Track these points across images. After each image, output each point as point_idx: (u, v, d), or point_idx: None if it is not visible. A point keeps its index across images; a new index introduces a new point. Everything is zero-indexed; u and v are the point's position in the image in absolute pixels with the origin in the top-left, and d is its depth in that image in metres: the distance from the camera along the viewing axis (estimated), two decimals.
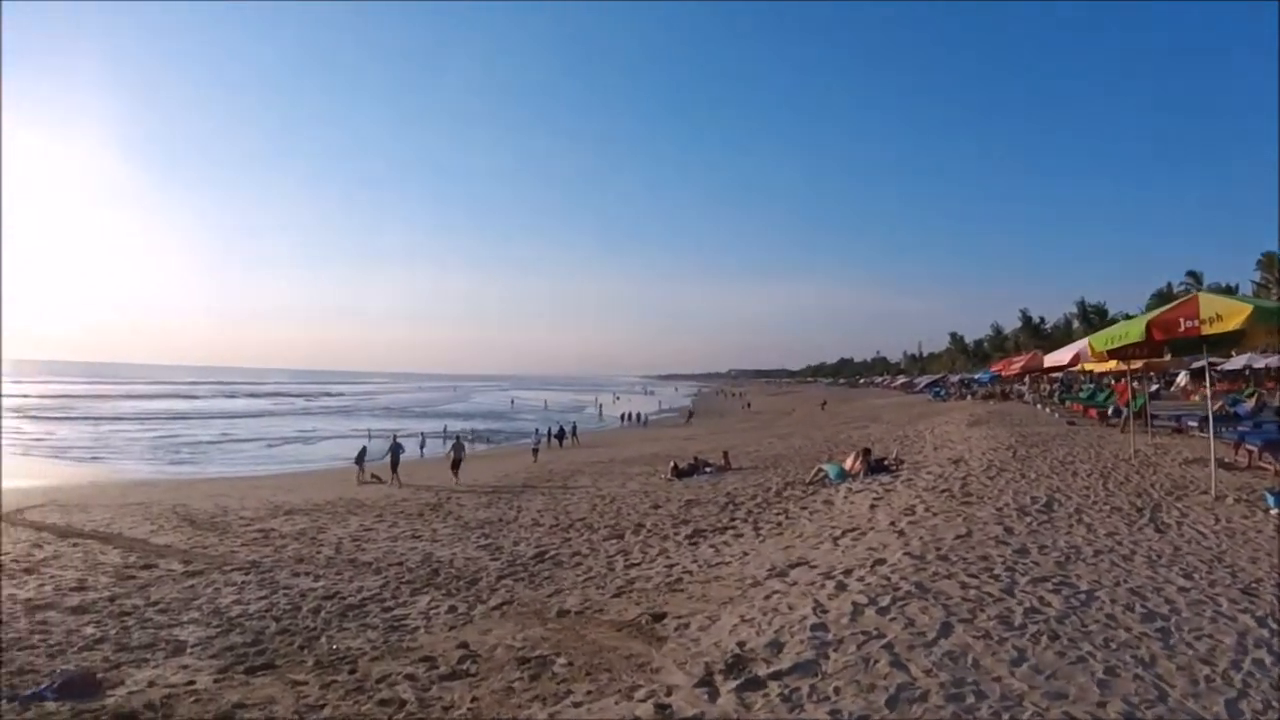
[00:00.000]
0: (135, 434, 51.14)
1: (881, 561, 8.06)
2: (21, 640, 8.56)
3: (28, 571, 12.04)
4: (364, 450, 25.24)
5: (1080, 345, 18.56)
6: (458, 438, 27.73)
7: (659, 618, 7.65)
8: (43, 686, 6.86)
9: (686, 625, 7.20)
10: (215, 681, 7.17)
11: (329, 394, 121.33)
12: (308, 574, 11.74)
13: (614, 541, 12.47)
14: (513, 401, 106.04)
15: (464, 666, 7.11)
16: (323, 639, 8.50)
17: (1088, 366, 21.00)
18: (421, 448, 33.66)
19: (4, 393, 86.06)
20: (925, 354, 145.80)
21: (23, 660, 7.84)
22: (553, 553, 11.92)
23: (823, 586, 7.44)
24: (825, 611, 6.50)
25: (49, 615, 9.62)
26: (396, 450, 24.46)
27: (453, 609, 9.41)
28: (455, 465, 23.74)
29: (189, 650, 8.26)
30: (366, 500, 19.79)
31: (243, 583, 11.32)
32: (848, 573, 7.80)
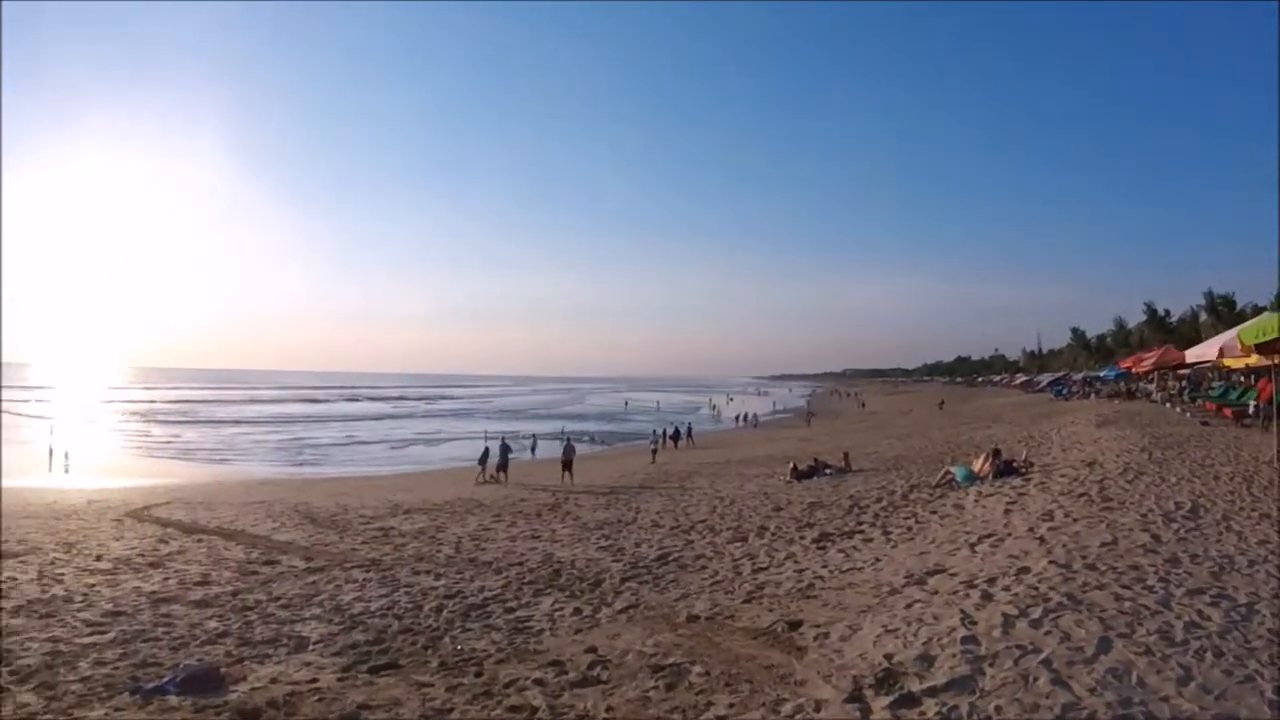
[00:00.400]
0: (258, 436, 61.05)
1: (1025, 570, 9.47)
2: (145, 632, 10.81)
3: (153, 565, 15.16)
4: (486, 451, 32.29)
5: (1225, 338, 22.02)
6: (568, 439, 33.75)
7: (795, 626, 8.87)
8: (165, 680, 8.60)
9: (826, 635, 8.32)
10: (339, 680, 8.66)
11: (447, 397, 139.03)
12: (428, 572, 14.15)
13: (738, 544, 14.74)
14: (626, 403, 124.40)
15: (594, 673, 8.24)
16: (446, 639, 10.13)
17: (1226, 362, 24.28)
18: (533, 450, 37.94)
19: (134, 398, 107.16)
20: (1045, 350, 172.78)
21: (146, 653, 9.90)
22: (676, 555, 14.20)
23: (967, 596, 8.73)
24: (974, 623, 7.63)
25: (173, 608, 12.07)
26: (505, 451, 31.12)
27: (578, 611, 10.78)
28: (566, 466, 29.97)
29: (311, 647, 10.05)
30: (484, 500, 24.16)
31: (364, 580, 13.77)
32: (991, 581, 9.17)
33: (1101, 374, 76.87)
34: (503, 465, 30.47)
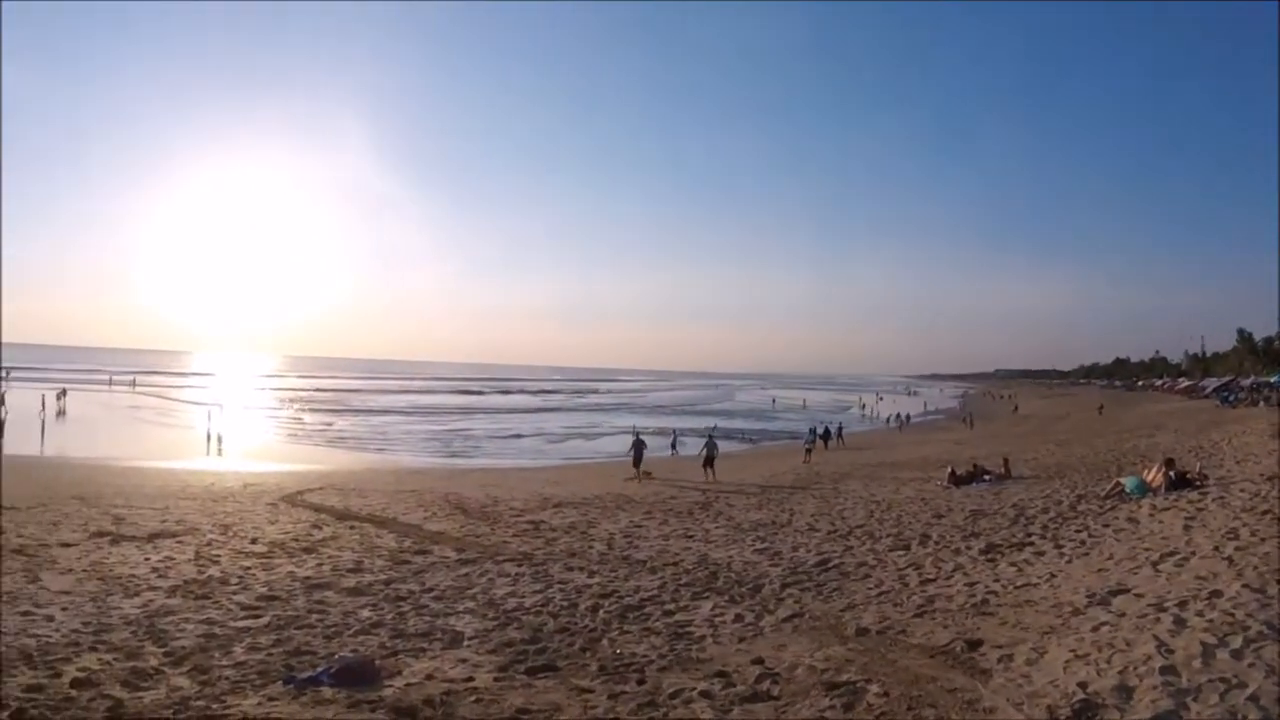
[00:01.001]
0: (409, 426, 63.52)
1: (1217, 594, 9.28)
2: (299, 619, 11.15)
3: (307, 551, 15.75)
4: (642, 446, 32.78)
5: None
6: (709, 436, 33.51)
7: (975, 645, 8.81)
8: (319, 670, 8.74)
9: (1010, 657, 8.27)
10: (495, 680, 8.63)
11: (594, 391, 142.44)
12: (581, 569, 14.37)
13: (901, 553, 14.76)
14: (774, 400, 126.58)
15: (764, 687, 8.02)
16: (604, 641, 10.09)
17: None
18: (674, 446, 38.14)
19: (287, 386, 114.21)
20: (1209, 354, 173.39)
21: (300, 640, 10.16)
22: (836, 561, 14.29)
23: (1158, 620, 8.62)
24: (1171, 651, 7.53)
25: (327, 595, 12.45)
26: (639, 446, 31.87)
27: (739, 618, 10.73)
28: (708, 463, 30.36)
29: (466, 642, 10.12)
30: (635, 496, 24.90)
31: (516, 574, 14.00)
32: (1182, 605, 9.05)
33: (1273, 380, 75.44)
34: (637, 461, 31.23)
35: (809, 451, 38.91)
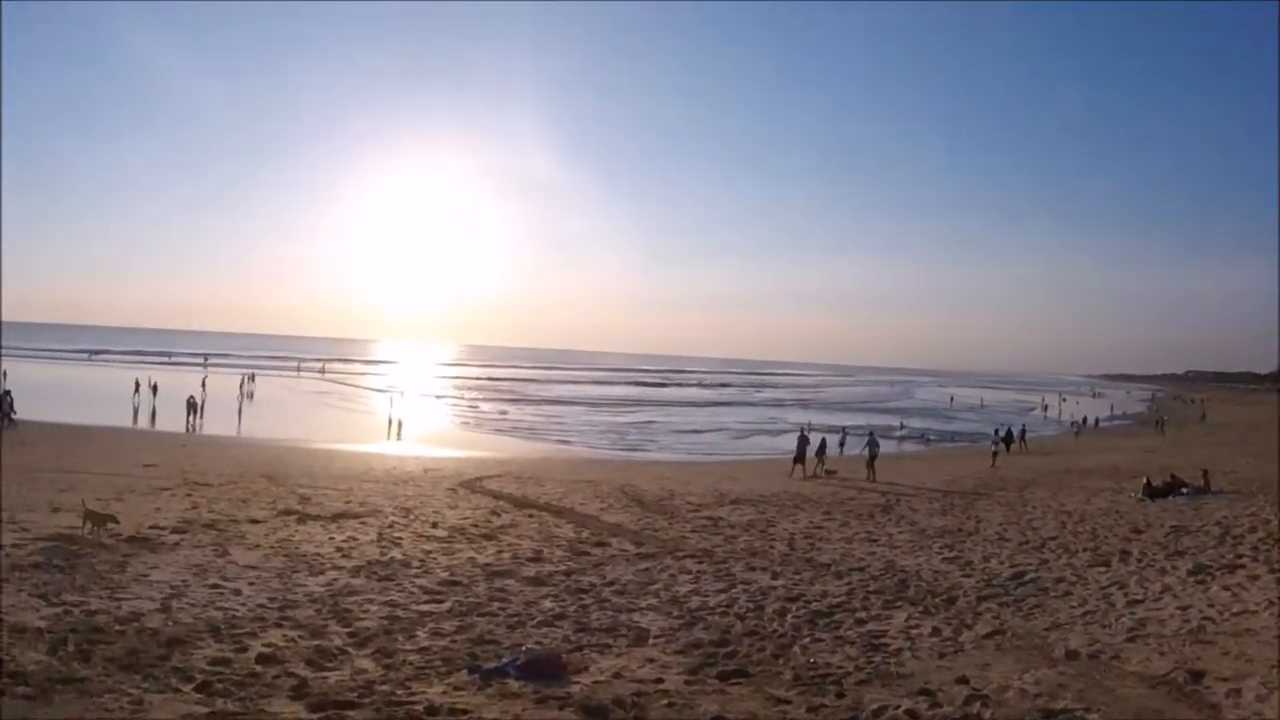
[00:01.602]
0: (584, 417, 64.60)
1: None
2: (481, 606, 11.17)
3: (487, 537, 15.96)
4: (824, 443, 32.99)
5: None
6: (871, 434, 32.95)
7: (1198, 676, 8.39)
8: (505, 661, 8.63)
9: (1238, 691, 7.86)
10: (686, 683, 8.35)
11: (769, 385, 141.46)
12: (764, 569, 14.08)
13: (1100, 569, 14.19)
14: (952, 399, 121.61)
15: (973, 709, 7.57)
16: (796, 648, 9.73)
17: None
18: (841, 445, 37.37)
19: (465, 375, 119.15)
20: None
21: (483, 628, 10.14)
22: (1032, 575, 13.78)
23: None
24: None
25: (508, 583, 12.47)
26: (803, 443, 31.55)
27: (936, 631, 10.38)
28: (870, 462, 30.16)
29: (652, 641, 9.91)
30: (812, 495, 24.35)
31: (698, 572, 13.79)
32: None
33: None
34: (799, 458, 30.92)
35: (995, 455, 37.87)
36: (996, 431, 43.22)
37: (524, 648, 9.14)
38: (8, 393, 35.52)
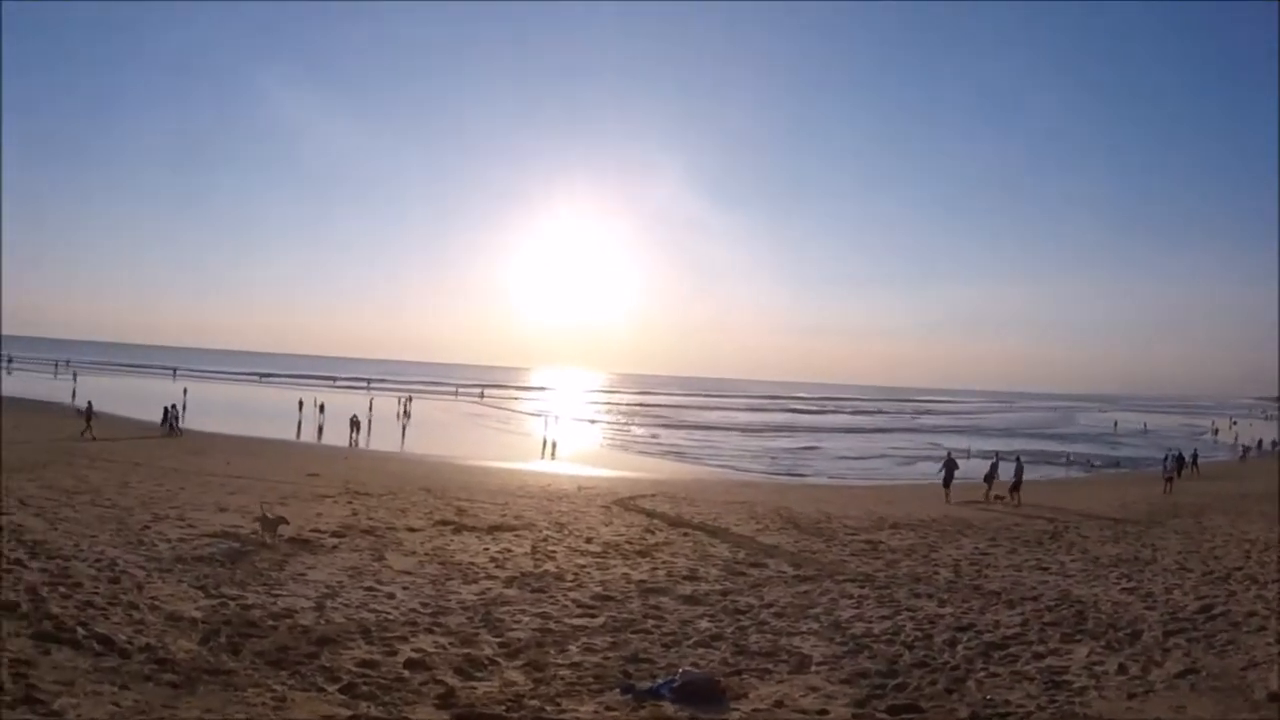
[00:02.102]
0: (735, 441, 64.05)
1: None
2: (635, 623, 10.69)
3: (641, 554, 15.51)
4: (994, 468, 31.68)
5: None
6: (1017, 458, 31.88)
7: None
8: (660, 683, 8.14)
9: None
10: (853, 716, 7.73)
11: (927, 411, 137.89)
12: (929, 596, 13.18)
13: None
14: (1115, 424, 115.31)
15: None
16: (970, 682, 8.94)
17: None
18: (994, 470, 35.39)
19: (616, 400, 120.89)
20: None
21: (637, 645, 9.67)
22: (1221, 608, 12.67)
23: None
24: None
25: (662, 601, 11.96)
26: (950, 467, 31.13)
27: (1122, 669, 9.55)
28: (1015, 488, 29.29)
29: (815, 668, 9.23)
30: (974, 521, 23.23)
31: (859, 596, 13.00)
32: None
33: None
34: (947, 482, 30.39)
35: (1169, 481, 35.86)
36: (1167, 456, 40.73)
37: (680, 670, 8.58)
38: (173, 406, 38.75)
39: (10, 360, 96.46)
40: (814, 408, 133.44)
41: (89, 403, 35.18)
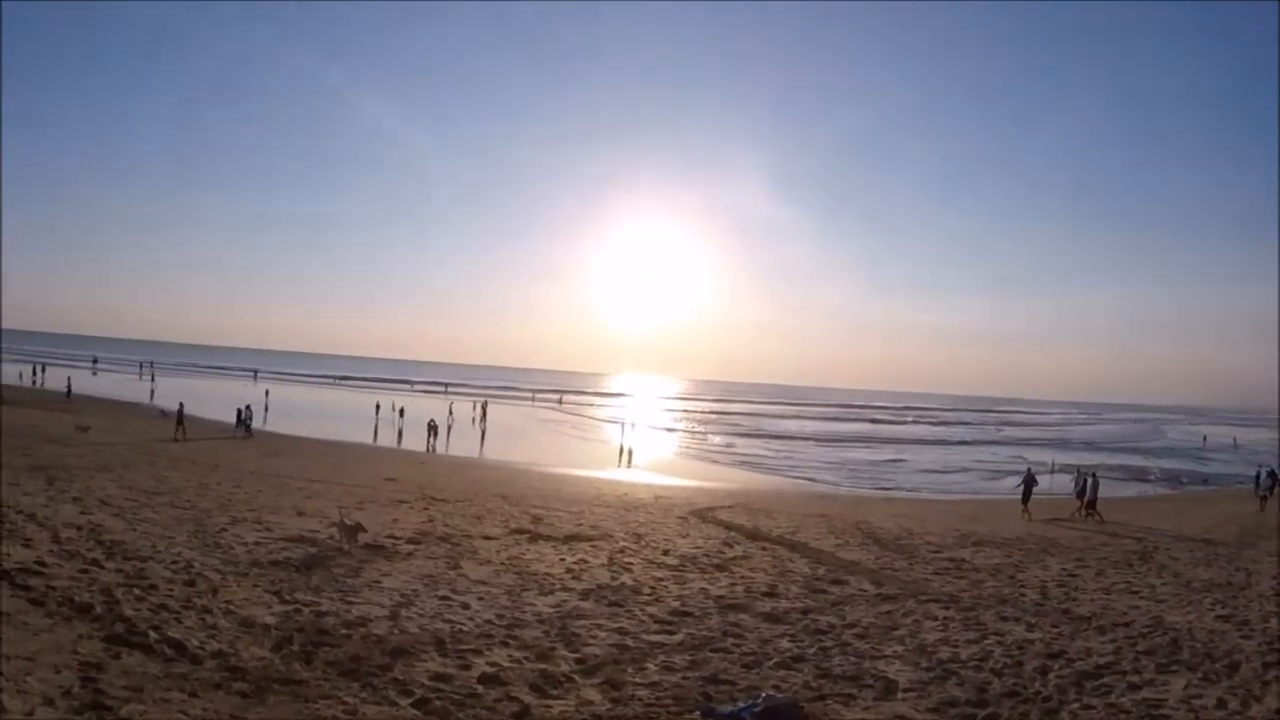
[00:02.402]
0: (812, 451, 63.10)
1: None
2: (714, 640, 10.39)
3: (719, 568, 15.20)
4: (1085, 484, 30.13)
5: None
6: (1092, 474, 30.84)
7: None
8: (742, 706, 7.81)
9: None
10: None
11: (1011, 423, 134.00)
12: (1016, 620, 12.69)
13: None
14: (1204, 438, 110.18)
15: None
16: (1064, 714, 8.57)
17: None
18: (1076, 485, 34.10)
19: (694, 408, 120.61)
20: None
21: (716, 665, 9.37)
22: None
23: None
24: None
25: (742, 618, 11.64)
26: (1029, 483, 30.34)
27: (1222, 703, 9.20)
28: (1090, 504, 28.39)
29: (901, 694, 8.88)
30: (1060, 540, 22.58)
31: (945, 618, 12.53)
32: None
33: None
34: (1026, 498, 29.69)
35: (1264, 500, 34.45)
36: (1259, 473, 38.96)
37: (762, 694, 8.25)
38: (247, 408, 39.37)
39: (95, 361, 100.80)
40: (894, 417, 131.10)
41: (180, 405, 35.91)
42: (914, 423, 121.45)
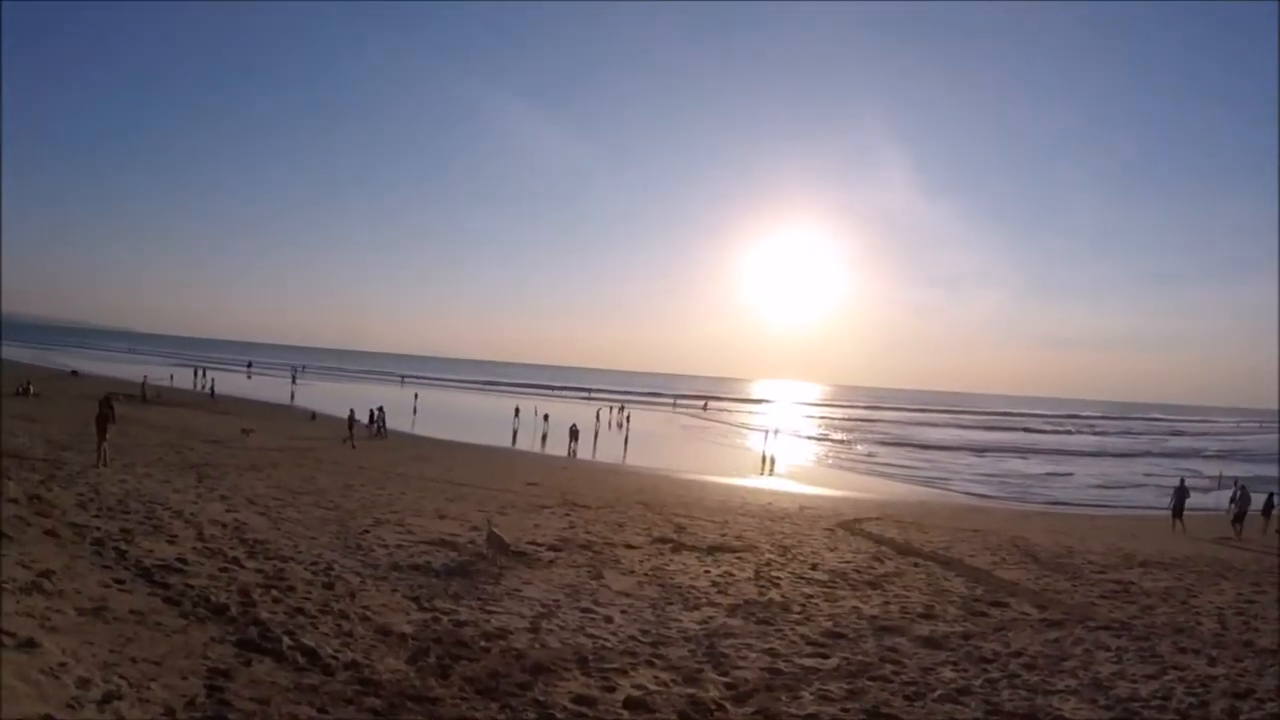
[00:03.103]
0: (963, 461, 60.39)
1: None
2: (871, 667, 9.65)
3: (871, 585, 14.41)
4: (1273, 500, 28.72)
5: None
6: (1240, 487, 29.09)
7: None
8: None
9: None
10: None
11: (1179, 432, 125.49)
12: (1196, 652, 11.37)
13: None
14: None
15: None
16: None
17: None
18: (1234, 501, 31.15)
19: (835, 415, 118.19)
20: None
21: (876, 695, 8.67)
22: None
23: None
24: None
25: (898, 642, 10.87)
26: (1181, 495, 28.90)
27: None
28: (1238, 519, 27.11)
29: None
30: (1233, 561, 20.95)
31: (1117, 648, 11.35)
32: None
33: None
34: (1177, 511, 28.37)
35: None
36: None
37: None
38: (380, 409, 40.42)
39: (250, 365, 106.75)
40: (1052, 426, 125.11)
41: (351, 410, 37.09)
42: (1073, 432, 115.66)
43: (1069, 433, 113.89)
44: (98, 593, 8.99)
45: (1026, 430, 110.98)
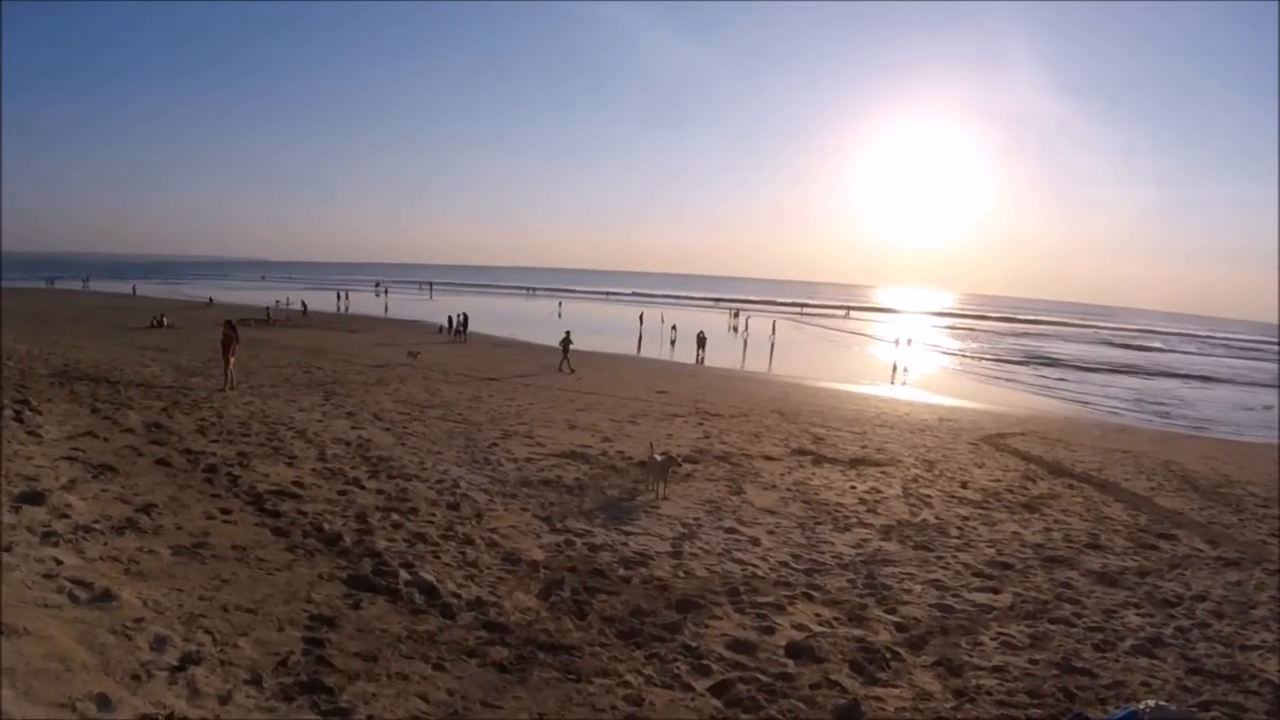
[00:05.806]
0: (1103, 377, 56.77)
1: None
2: (1048, 607, 8.46)
3: (1027, 508, 13.07)
4: None
5: None
6: None
7: None
8: (1120, 716, 5.75)
9: None
10: None
11: None
12: None
13: None
14: None
15: None
16: None
17: None
18: None
19: (969, 325, 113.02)
20: None
21: (1062, 643, 7.52)
22: None
23: None
24: None
25: (1070, 575, 9.65)
26: None
27: None
28: None
29: None
30: None
31: None
32: None
33: None
34: None
35: None
36: None
37: (1143, 705, 5.58)
38: (464, 315, 41.94)
39: (379, 284, 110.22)
40: (1203, 349, 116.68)
41: (566, 333, 33.29)
42: (1227, 355, 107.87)
43: (1221, 355, 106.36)
44: (199, 526, 8.46)
45: (1174, 352, 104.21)
